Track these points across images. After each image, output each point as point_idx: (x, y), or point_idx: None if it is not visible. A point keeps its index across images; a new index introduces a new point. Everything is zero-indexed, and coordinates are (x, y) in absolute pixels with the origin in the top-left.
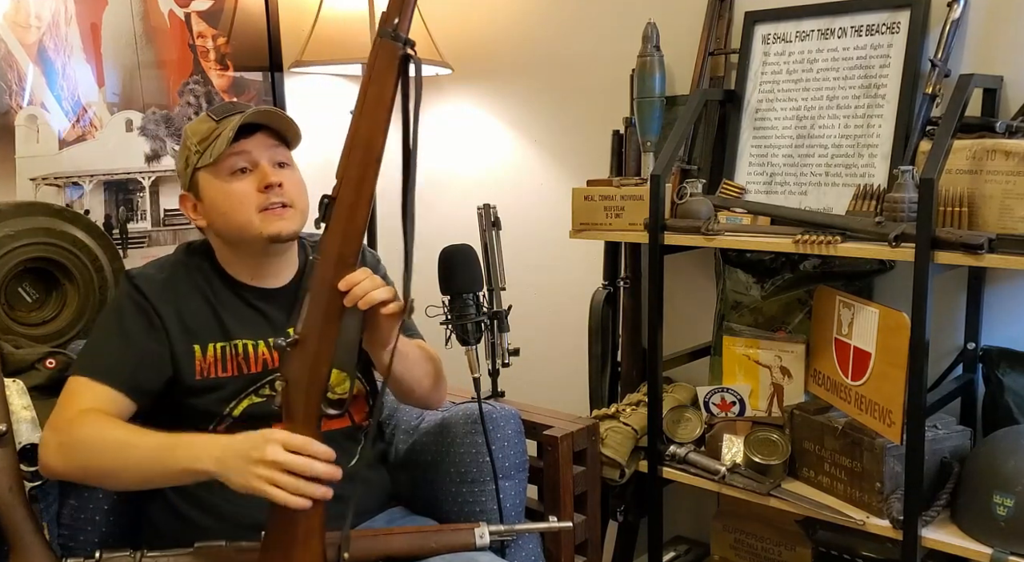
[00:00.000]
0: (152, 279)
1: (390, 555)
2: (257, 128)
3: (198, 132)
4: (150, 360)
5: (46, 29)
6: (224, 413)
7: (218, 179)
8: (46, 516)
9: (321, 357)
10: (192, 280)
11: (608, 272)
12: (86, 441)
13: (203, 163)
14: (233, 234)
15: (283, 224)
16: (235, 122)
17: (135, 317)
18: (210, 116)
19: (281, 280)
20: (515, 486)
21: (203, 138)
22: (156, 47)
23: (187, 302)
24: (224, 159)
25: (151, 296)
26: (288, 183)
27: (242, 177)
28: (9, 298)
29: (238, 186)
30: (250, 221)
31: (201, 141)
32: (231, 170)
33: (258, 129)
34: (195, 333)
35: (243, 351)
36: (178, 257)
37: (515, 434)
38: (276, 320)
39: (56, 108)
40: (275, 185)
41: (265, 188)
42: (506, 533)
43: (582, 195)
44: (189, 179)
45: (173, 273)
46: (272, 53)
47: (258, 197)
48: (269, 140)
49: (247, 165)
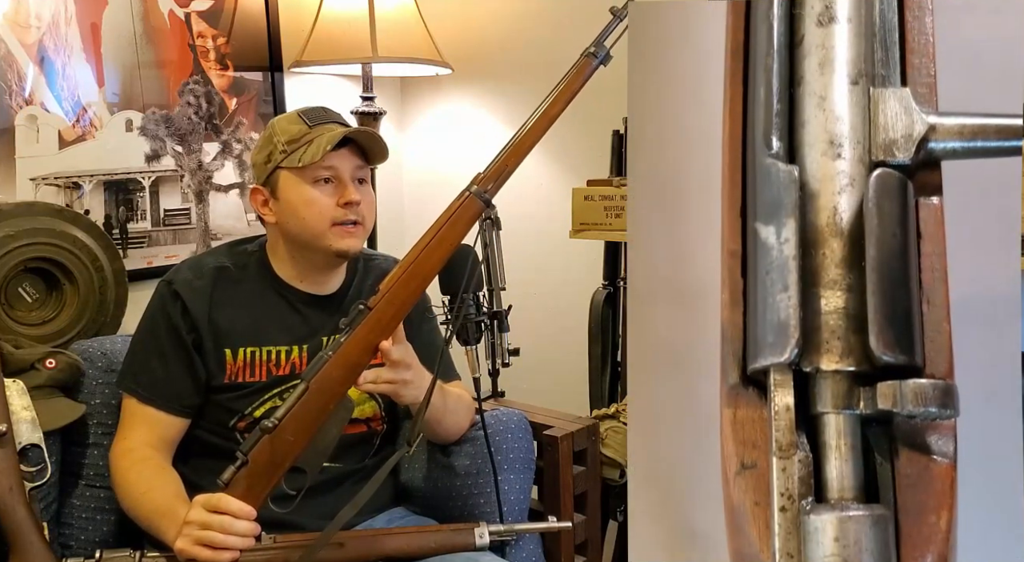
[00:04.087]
0: (189, 285)
1: (390, 555)
2: (347, 141)
3: (287, 132)
4: (188, 378)
5: (46, 29)
6: (246, 412)
7: (301, 183)
8: (46, 516)
9: (288, 455)
10: (232, 285)
11: (608, 272)
12: (117, 480)
13: (289, 164)
14: (303, 240)
15: (352, 242)
16: (332, 134)
17: (168, 334)
18: (302, 118)
19: (329, 288)
20: (521, 481)
21: (292, 139)
22: (156, 47)
23: (222, 308)
24: (314, 165)
25: (188, 303)
26: (365, 202)
27: (324, 187)
28: (9, 298)
29: (320, 196)
30: (324, 233)
31: (290, 142)
32: (315, 178)
33: (348, 142)
34: (228, 338)
35: (275, 358)
36: (219, 260)
37: (522, 431)
38: (316, 326)
39: (56, 108)
40: (355, 203)
41: (344, 204)
42: (505, 533)
43: (582, 195)
44: (268, 175)
45: (213, 279)
46: (272, 53)
47: (336, 211)
48: (355, 156)
49: (331, 175)
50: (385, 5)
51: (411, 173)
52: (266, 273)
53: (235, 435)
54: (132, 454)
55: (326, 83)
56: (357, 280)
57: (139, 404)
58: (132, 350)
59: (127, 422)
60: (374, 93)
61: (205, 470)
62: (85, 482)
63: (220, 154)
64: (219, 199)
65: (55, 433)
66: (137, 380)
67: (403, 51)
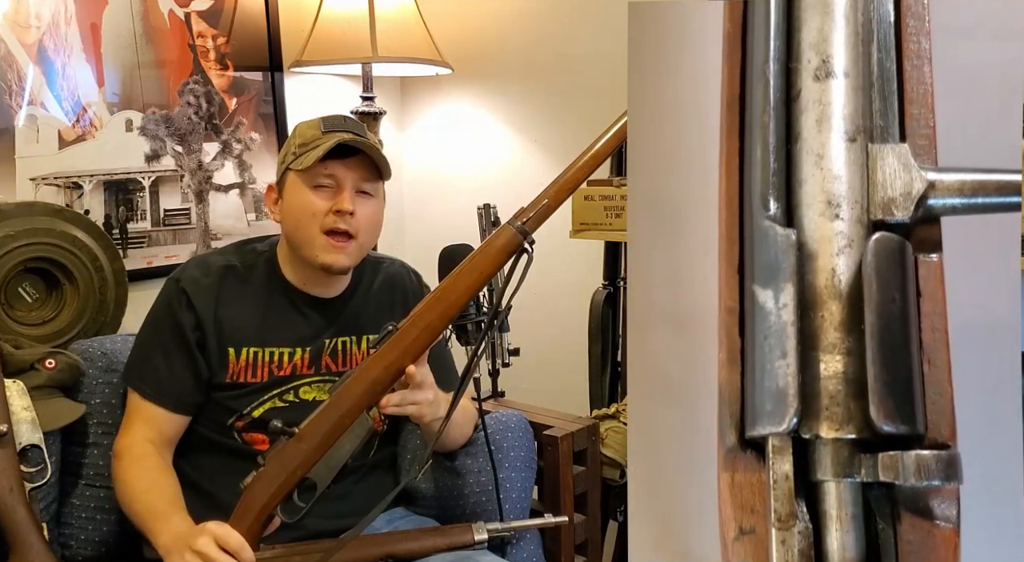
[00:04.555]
0: (196, 283)
1: (389, 555)
2: (356, 151)
3: (303, 135)
4: (190, 376)
5: (46, 29)
6: (244, 412)
7: (302, 185)
8: (46, 516)
9: (305, 463)
10: (239, 284)
11: (608, 272)
12: (116, 476)
13: (295, 166)
14: (295, 243)
15: (337, 257)
16: (331, 141)
17: (173, 331)
18: (321, 124)
19: (332, 292)
20: (523, 479)
21: (305, 142)
22: (156, 47)
23: (228, 307)
24: (314, 169)
25: (194, 300)
26: (360, 214)
27: (322, 192)
28: (9, 298)
29: (315, 200)
30: (313, 239)
31: (302, 145)
32: (315, 183)
33: (357, 152)
34: (232, 337)
35: (277, 359)
36: (227, 259)
37: (522, 430)
38: (319, 328)
39: (56, 108)
40: (346, 213)
41: (336, 212)
42: (504, 530)
43: (582, 195)
44: (281, 175)
45: (220, 278)
46: (272, 53)
47: (327, 217)
48: (362, 167)
49: (332, 183)
50: (385, 5)
51: (411, 173)
52: (273, 274)
53: (233, 433)
54: (132, 450)
55: (326, 83)
56: (364, 284)
57: (141, 400)
58: (137, 346)
59: (130, 417)
60: (374, 93)
61: (204, 468)
62: (85, 482)
63: (220, 154)
64: (219, 199)
65: (55, 433)
66: (140, 376)
67: (403, 51)
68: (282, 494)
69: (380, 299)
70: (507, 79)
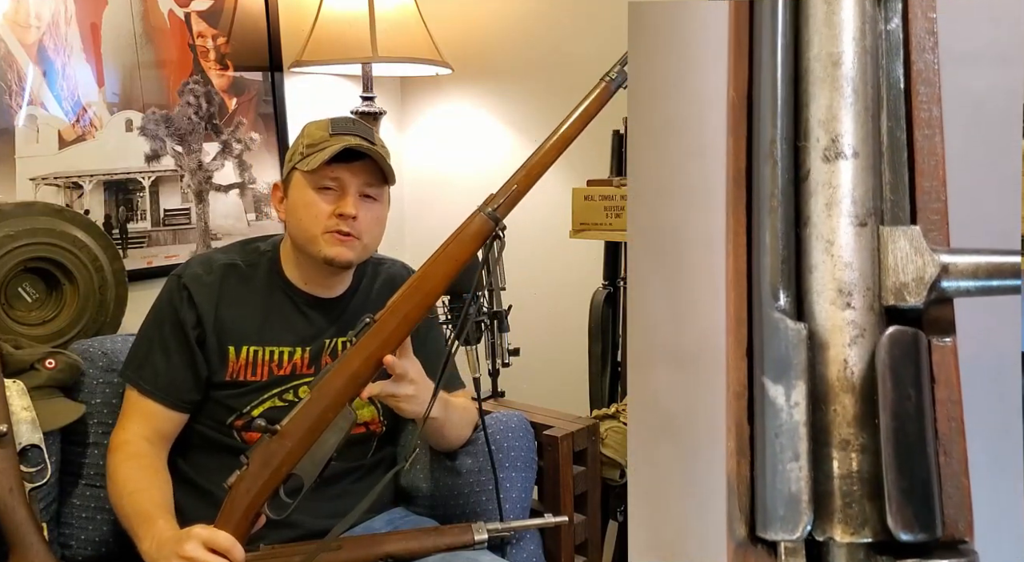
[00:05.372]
0: (198, 280)
1: (389, 555)
2: (362, 156)
3: (312, 136)
4: (189, 373)
5: (46, 29)
6: (244, 410)
7: (307, 186)
8: (46, 516)
9: (289, 459)
10: (241, 283)
11: (608, 272)
12: (109, 472)
13: (301, 167)
14: (299, 242)
15: (341, 250)
16: (337, 145)
17: (173, 328)
18: (330, 126)
19: (334, 292)
20: (523, 479)
21: (313, 143)
22: (156, 47)
23: (229, 306)
24: (319, 172)
25: (195, 298)
26: (363, 218)
27: (326, 194)
28: (9, 298)
29: (318, 201)
30: (315, 238)
31: (310, 145)
32: (319, 185)
33: (363, 157)
34: (232, 335)
35: (277, 358)
36: (230, 257)
37: (522, 430)
38: (320, 328)
39: (56, 108)
40: (349, 217)
41: (339, 215)
42: (504, 530)
43: (582, 195)
44: (286, 174)
45: (222, 276)
46: (272, 53)
47: (330, 219)
48: (367, 171)
49: (336, 186)
50: (385, 5)
51: (411, 173)
52: (275, 273)
53: (232, 432)
54: (127, 448)
55: (326, 83)
56: (364, 285)
57: (139, 395)
58: (137, 341)
59: (127, 412)
60: (374, 93)
61: (203, 467)
62: (85, 482)
63: (220, 154)
64: (219, 199)
65: (55, 433)
66: (139, 372)
67: (403, 51)
68: (268, 491)
69: (381, 300)
70: (507, 79)
